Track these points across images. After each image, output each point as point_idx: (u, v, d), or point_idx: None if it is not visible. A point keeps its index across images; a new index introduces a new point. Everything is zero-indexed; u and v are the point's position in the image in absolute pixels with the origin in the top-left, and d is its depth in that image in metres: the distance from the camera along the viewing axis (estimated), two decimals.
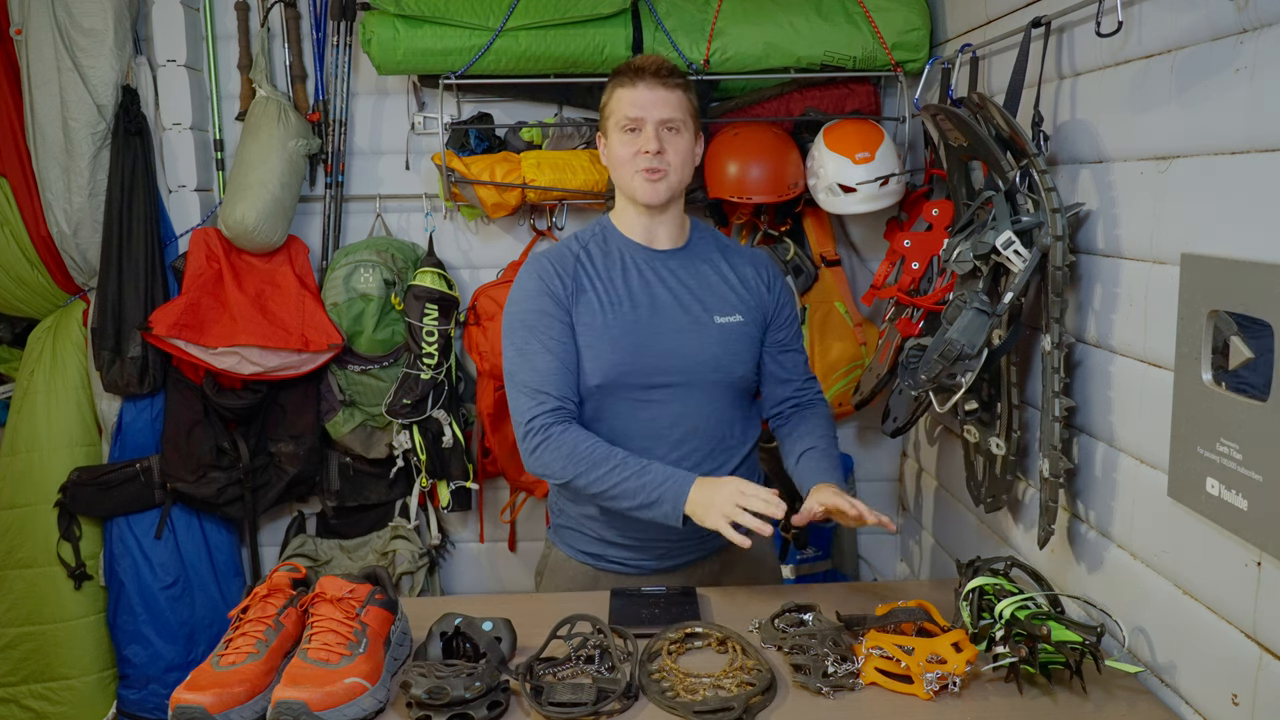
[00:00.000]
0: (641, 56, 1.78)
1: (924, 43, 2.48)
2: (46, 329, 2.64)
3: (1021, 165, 1.66)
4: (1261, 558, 1.18)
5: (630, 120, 1.72)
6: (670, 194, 1.75)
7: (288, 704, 1.27)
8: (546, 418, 1.67)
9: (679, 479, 1.61)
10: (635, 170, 1.72)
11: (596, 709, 1.34)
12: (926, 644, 1.44)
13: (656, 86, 1.71)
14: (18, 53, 2.49)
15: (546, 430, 1.66)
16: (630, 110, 1.72)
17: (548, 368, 1.69)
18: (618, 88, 1.75)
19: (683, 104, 1.74)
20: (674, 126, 1.73)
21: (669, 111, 1.72)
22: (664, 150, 1.71)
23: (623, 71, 1.75)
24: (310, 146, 2.59)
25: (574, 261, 1.76)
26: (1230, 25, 1.24)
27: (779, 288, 1.86)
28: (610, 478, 1.62)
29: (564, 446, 1.65)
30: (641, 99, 1.71)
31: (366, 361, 2.61)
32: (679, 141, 1.73)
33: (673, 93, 1.73)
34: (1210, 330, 1.25)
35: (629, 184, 1.75)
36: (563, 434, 1.66)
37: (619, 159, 1.74)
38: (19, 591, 2.58)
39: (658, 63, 1.74)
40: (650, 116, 1.71)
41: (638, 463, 1.63)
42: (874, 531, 2.91)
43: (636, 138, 1.72)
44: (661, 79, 1.72)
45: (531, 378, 1.69)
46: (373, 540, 2.75)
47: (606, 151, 1.79)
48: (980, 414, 1.86)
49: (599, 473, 1.63)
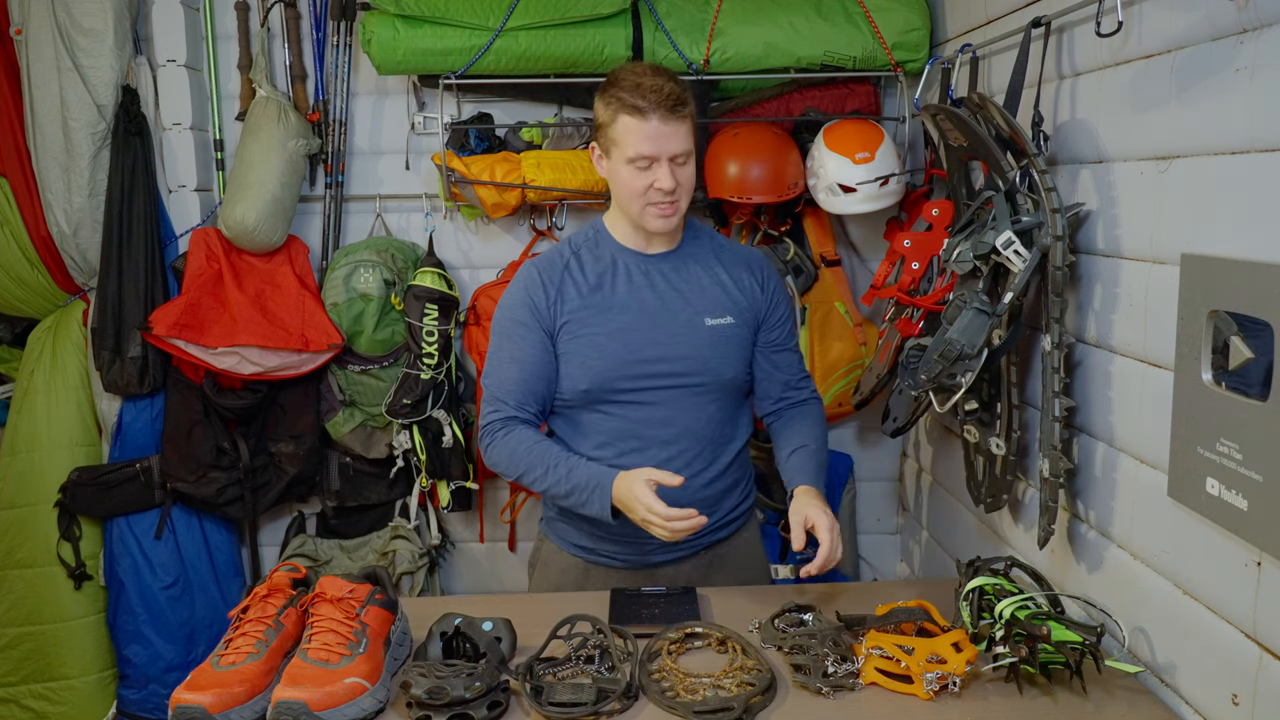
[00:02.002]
0: (648, 79, 1.65)
1: (924, 43, 2.48)
2: (46, 329, 2.64)
3: (1021, 165, 1.66)
4: (1261, 558, 1.18)
5: (643, 158, 1.66)
6: (680, 219, 1.76)
7: (288, 704, 1.27)
8: (497, 424, 1.75)
9: (599, 485, 1.67)
10: (647, 203, 1.70)
11: (596, 709, 1.34)
12: (927, 644, 1.45)
13: (669, 120, 1.65)
14: (18, 53, 2.49)
15: (493, 434, 1.75)
16: (644, 147, 1.65)
17: (509, 377, 1.75)
18: (624, 115, 1.65)
19: (690, 132, 1.69)
20: (684, 160, 1.69)
21: (680, 145, 1.67)
22: (677, 184, 1.69)
23: (627, 95, 1.65)
24: (310, 146, 2.59)
25: (562, 269, 1.77)
26: (1230, 25, 1.24)
27: (773, 287, 1.86)
28: (545, 479, 1.70)
29: (505, 448, 1.74)
30: (654, 133, 1.64)
31: (366, 361, 2.61)
32: (688, 170, 1.71)
33: (683, 124, 1.67)
34: (1210, 330, 1.25)
35: (638, 214, 1.72)
36: (505, 436, 1.74)
37: (629, 189, 1.70)
38: (19, 591, 2.58)
39: (666, 92, 1.64)
40: (663, 153, 1.66)
41: (566, 465, 1.70)
42: (874, 531, 2.91)
43: (648, 173, 1.67)
44: (673, 111, 1.65)
45: (493, 384, 1.77)
46: (373, 540, 2.75)
47: (608, 171, 1.74)
48: (980, 414, 1.86)
49: (535, 474, 1.71)
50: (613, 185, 1.75)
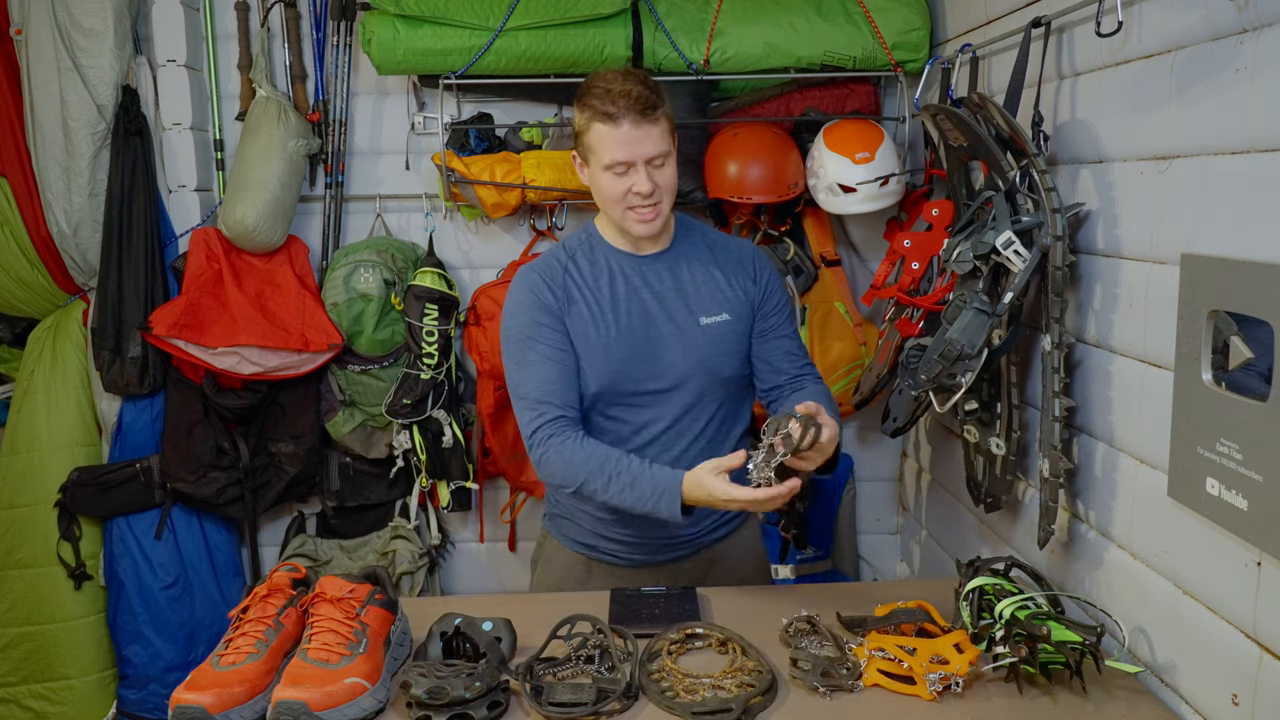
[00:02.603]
0: (618, 85, 1.64)
1: (924, 43, 2.48)
2: (46, 329, 2.64)
3: (1021, 165, 1.66)
4: (1261, 558, 1.18)
5: (618, 163, 1.66)
6: (664, 223, 1.75)
7: (288, 704, 1.27)
8: (548, 429, 1.68)
9: (666, 492, 1.61)
10: (627, 208, 1.69)
11: (596, 709, 1.34)
12: (929, 645, 1.45)
13: (640, 123, 1.63)
14: (18, 53, 2.49)
15: (546, 442, 1.68)
16: (617, 153, 1.64)
17: (548, 376, 1.70)
18: (597, 122, 1.65)
19: (665, 133, 1.68)
20: (661, 161, 1.68)
21: (655, 147, 1.66)
22: (655, 187, 1.68)
23: (598, 102, 1.65)
24: (310, 146, 2.59)
25: (562, 273, 1.76)
26: (1230, 25, 1.24)
27: (766, 277, 1.85)
28: (609, 489, 1.64)
29: (563, 456, 1.66)
30: (626, 138, 1.63)
31: (366, 361, 2.61)
32: (667, 171, 1.69)
33: (656, 125, 1.66)
34: (1210, 330, 1.25)
35: (621, 219, 1.72)
36: (561, 445, 1.67)
37: (609, 195, 1.69)
38: (19, 591, 2.58)
39: (635, 96, 1.63)
40: (638, 157, 1.65)
41: (629, 474, 1.63)
42: (874, 531, 2.91)
43: (625, 179, 1.67)
44: (645, 115, 1.63)
45: (532, 389, 1.70)
46: (373, 540, 2.75)
47: (589, 180, 1.74)
48: (980, 414, 1.86)
49: (597, 484, 1.64)
50: (594, 192, 1.75)
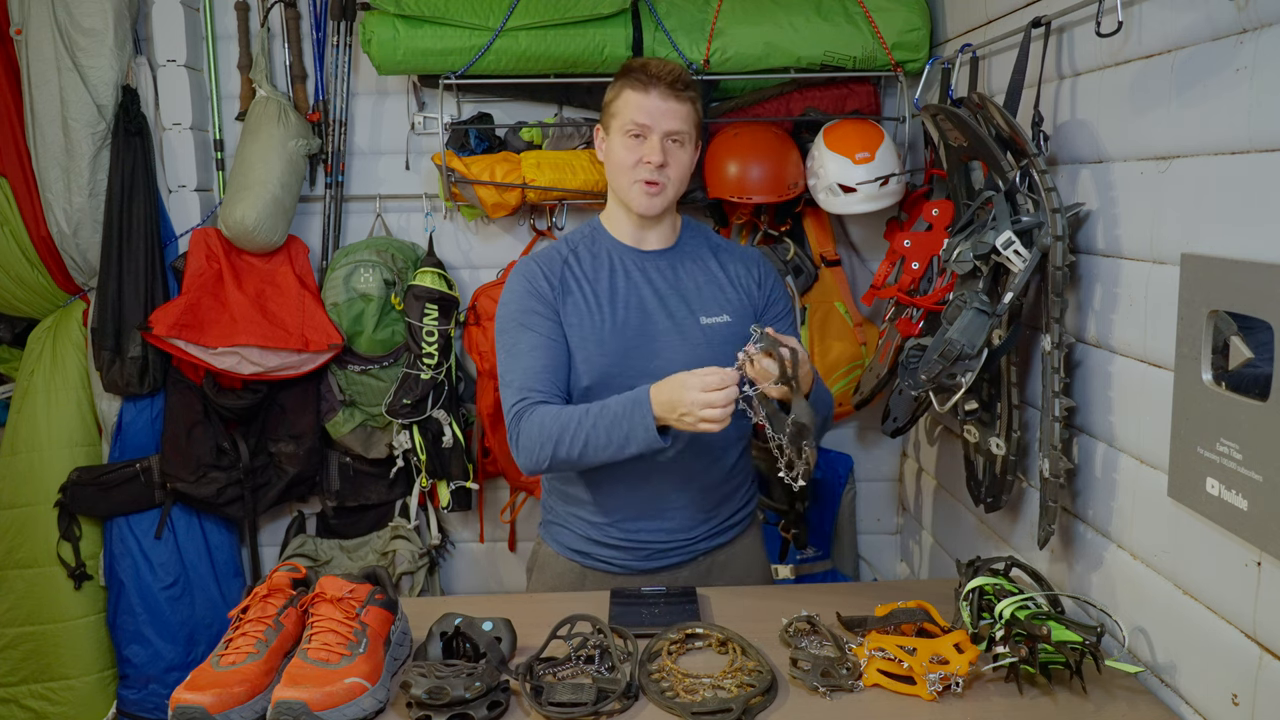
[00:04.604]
0: (658, 61, 1.72)
1: (924, 43, 2.48)
2: (46, 329, 2.64)
3: (1021, 165, 1.66)
4: (1261, 558, 1.18)
5: (637, 126, 1.69)
6: (665, 206, 1.75)
7: (288, 704, 1.27)
8: (525, 410, 1.67)
9: (637, 411, 1.57)
10: (635, 179, 1.71)
11: (596, 709, 1.34)
12: (929, 645, 1.45)
13: (669, 97, 1.69)
14: (18, 53, 2.49)
15: (519, 418, 1.67)
16: (639, 116, 1.69)
17: (535, 365, 1.69)
18: (627, 88, 1.71)
19: (690, 116, 1.72)
20: (679, 139, 1.71)
21: (677, 123, 1.70)
22: (666, 163, 1.70)
23: (635, 72, 1.71)
24: (310, 146, 2.59)
25: (561, 264, 1.77)
26: (1230, 25, 1.24)
27: (770, 283, 1.85)
28: (579, 439, 1.61)
29: (533, 427, 1.65)
30: (651, 107, 1.69)
31: (366, 361, 2.61)
32: (681, 155, 1.72)
33: (683, 105, 1.70)
34: (1210, 330, 1.25)
35: (626, 191, 1.74)
36: (531, 415, 1.66)
37: (619, 162, 1.73)
38: (19, 591, 2.58)
39: (674, 72, 1.70)
40: (658, 126, 1.69)
41: (595, 411, 1.61)
42: (874, 531, 2.91)
43: (640, 145, 1.70)
44: (675, 90, 1.69)
45: (519, 376, 1.70)
46: (373, 540, 2.75)
47: (605, 149, 1.78)
48: (980, 414, 1.86)
49: (568, 439, 1.62)
50: (607, 165, 1.77)
